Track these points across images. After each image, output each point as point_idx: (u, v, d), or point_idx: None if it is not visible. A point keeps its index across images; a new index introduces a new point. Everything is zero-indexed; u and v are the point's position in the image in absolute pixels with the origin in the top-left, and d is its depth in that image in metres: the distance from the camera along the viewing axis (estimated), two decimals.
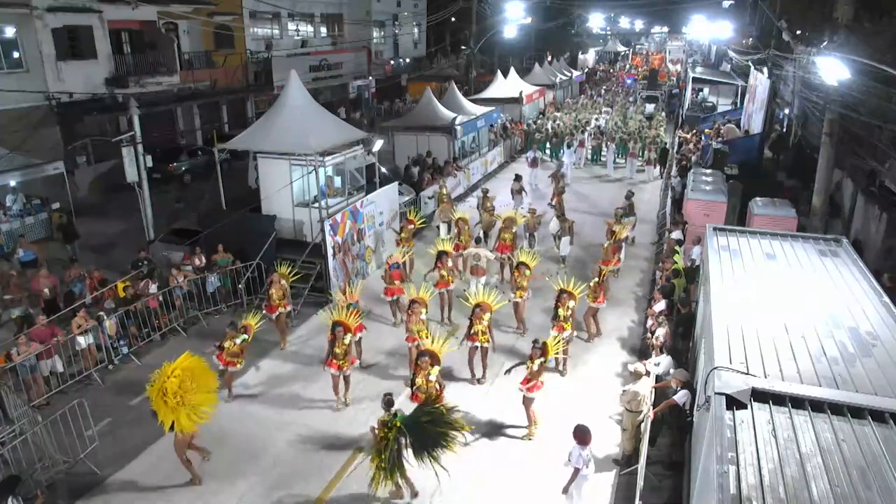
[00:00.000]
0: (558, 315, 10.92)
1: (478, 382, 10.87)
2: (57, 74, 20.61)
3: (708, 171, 18.62)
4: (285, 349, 12.14)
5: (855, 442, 5.17)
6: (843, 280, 8.53)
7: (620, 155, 25.98)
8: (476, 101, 26.86)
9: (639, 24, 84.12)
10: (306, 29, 37.09)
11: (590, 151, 27.53)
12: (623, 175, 25.26)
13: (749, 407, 5.59)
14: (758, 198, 15.13)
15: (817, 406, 5.60)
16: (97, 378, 11.08)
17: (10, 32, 19.81)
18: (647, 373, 9.12)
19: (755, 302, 7.75)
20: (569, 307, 10.85)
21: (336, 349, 9.87)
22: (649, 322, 11.38)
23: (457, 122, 22.04)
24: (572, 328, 11.16)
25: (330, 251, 13.69)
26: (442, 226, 17.35)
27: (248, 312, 11.13)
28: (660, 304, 11.23)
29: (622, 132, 27.48)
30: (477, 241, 14.40)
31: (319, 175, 14.09)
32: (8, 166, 16.69)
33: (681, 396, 8.36)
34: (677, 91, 44.89)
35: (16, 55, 19.99)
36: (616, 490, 8.52)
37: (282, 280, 12.08)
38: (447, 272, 12.80)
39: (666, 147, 27.23)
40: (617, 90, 48.69)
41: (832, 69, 11.89)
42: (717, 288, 8.18)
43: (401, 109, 36.27)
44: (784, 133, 25.30)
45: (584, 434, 7.56)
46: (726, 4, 49.87)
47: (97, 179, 21.99)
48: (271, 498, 8.37)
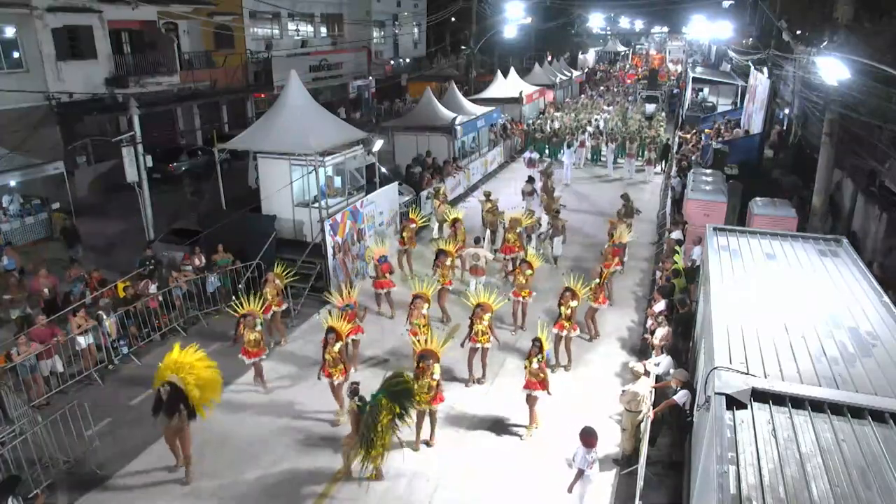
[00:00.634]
0: (560, 313, 10.96)
1: (477, 382, 10.86)
2: (57, 74, 20.61)
3: (708, 171, 18.61)
4: (284, 347, 12.13)
5: (855, 442, 5.17)
6: (843, 280, 8.54)
7: (621, 155, 25.99)
8: (476, 101, 26.84)
9: (639, 24, 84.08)
10: (306, 29, 37.10)
11: (590, 151, 27.55)
12: (623, 175, 25.27)
13: (749, 407, 5.59)
14: (758, 198, 15.13)
15: (817, 406, 5.60)
16: (97, 378, 11.08)
17: (10, 32, 19.81)
18: (647, 373, 9.13)
19: (755, 302, 7.75)
20: (570, 306, 10.87)
21: (326, 356, 9.61)
22: (649, 322, 11.38)
23: (457, 122, 22.03)
24: (574, 326, 11.14)
25: (330, 251, 13.71)
26: (435, 225, 17.34)
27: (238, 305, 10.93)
28: (660, 304, 11.22)
29: (622, 132, 27.48)
30: (476, 241, 14.39)
31: (319, 175, 14.09)
32: (8, 166, 16.70)
33: (681, 396, 8.37)
34: (677, 91, 44.87)
35: (16, 55, 19.99)
36: (616, 490, 8.52)
37: (276, 279, 12.07)
38: (444, 271, 12.88)
39: (668, 143, 27.21)
40: (617, 90, 48.69)
41: (832, 69, 11.89)
42: (717, 288, 8.18)
43: (401, 109, 36.26)
44: (783, 132, 25.30)
45: (591, 436, 7.60)
46: (726, 4, 49.85)
47: (97, 179, 22.01)
48: (272, 497, 8.37)
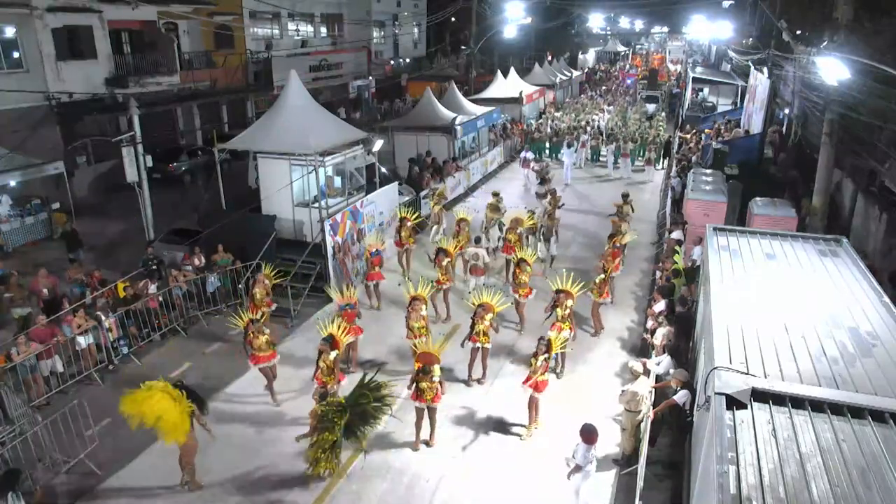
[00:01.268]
0: (556, 315, 10.91)
1: (477, 383, 10.86)
2: (57, 74, 20.58)
3: (708, 171, 18.60)
4: (282, 348, 12.05)
5: (855, 442, 5.17)
6: (843, 280, 8.54)
7: (621, 155, 25.96)
8: (476, 101, 26.84)
9: (639, 24, 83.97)
10: (306, 29, 37.06)
11: (590, 151, 27.54)
12: (622, 175, 25.27)
13: (749, 407, 5.59)
14: (758, 198, 15.14)
15: (817, 406, 5.60)
16: (97, 378, 11.08)
17: (10, 32, 19.77)
18: (647, 372, 9.13)
19: (755, 302, 7.75)
20: (567, 307, 10.82)
21: (321, 363, 9.37)
22: (649, 322, 11.38)
23: (457, 122, 22.02)
24: (572, 328, 11.13)
25: (330, 251, 13.71)
26: (434, 228, 17.11)
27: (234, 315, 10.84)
28: (660, 304, 11.22)
29: (622, 133, 27.46)
30: (476, 241, 14.40)
31: (319, 175, 14.09)
32: (8, 166, 16.70)
33: (681, 396, 8.37)
34: (677, 91, 44.84)
35: (16, 55, 19.96)
36: (616, 490, 8.53)
37: (265, 280, 12.05)
38: (442, 270, 12.89)
39: (670, 139, 27.16)
40: (617, 90, 48.66)
41: (832, 69, 11.89)
42: (717, 288, 8.18)
43: (401, 109, 36.24)
44: (781, 132, 25.30)
45: (591, 433, 7.67)
46: (726, 4, 49.77)
47: (97, 179, 22.01)
48: (271, 497, 8.37)
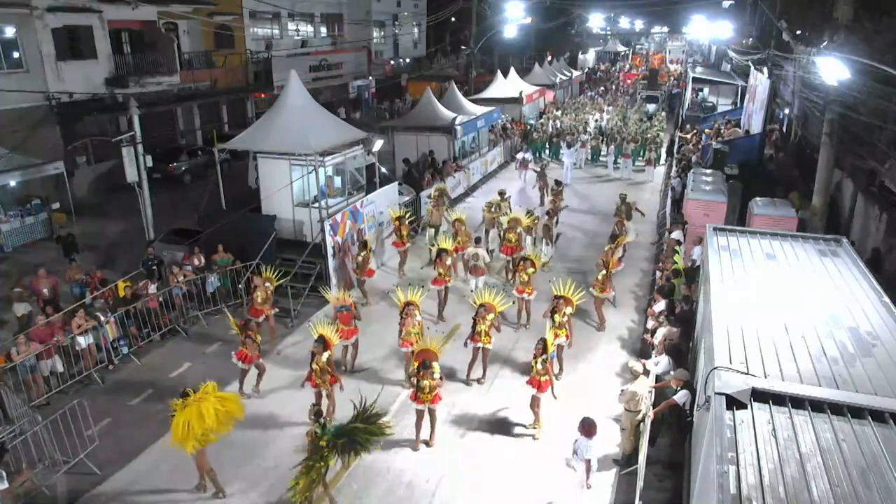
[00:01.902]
0: (554, 321, 10.61)
1: (477, 382, 10.85)
2: (57, 74, 20.57)
3: (708, 171, 18.61)
4: (282, 347, 12.14)
5: (855, 442, 5.17)
6: (843, 280, 8.53)
7: (620, 155, 25.96)
8: (476, 101, 26.82)
9: (639, 24, 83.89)
10: (306, 29, 37.07)
11: (590, 151, 27.54)
12: (623, 175, 25.27)
13: (749, 407, 5.58)
14: (758, 198, 15.13)
15: (817, 406, 5.60)
16: (97, 378, 11.08)
17: (10, 32, 19.76)
18: (646, 372, 9.13)
19: (755, 302, 7.75)
20: (565, 313, 10.60)
21: (313, 365, 9.34)
22: (649, 322, 11.37)
23: (457, 122, 22.02)
24: (568, 335, 10.83)
25: (330, 251, 13.71)
26: (429, 230, 16.77)
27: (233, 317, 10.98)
28: (660, 304, 11.22)
29: (622, 134, 27.45)
30: (476, 241, 14.39)
31: (319, 175, 14.09)
32: (8, 166, 16.70)
33: (681, 396, 8.37)
34: (677, 91, 44.84)
35: (16, 55, 19.96)
36: (616, 490, 8.52)
37: (266, 283, 11.98)
38: (444, 270, 12.89)
39: (672, 137, 27.14)
40: (617, 91, 48.64)
41: (832, 69, 11.87)
42: (717, 288, 8.18)
43: (401, 109, 36.25)
44: (780, 131, 25.30)
45: (592, 426, 7.86)
46: (726, 4, 49.77)
47: (97, 179, 22.00)
48: (271, 499, 8.36)
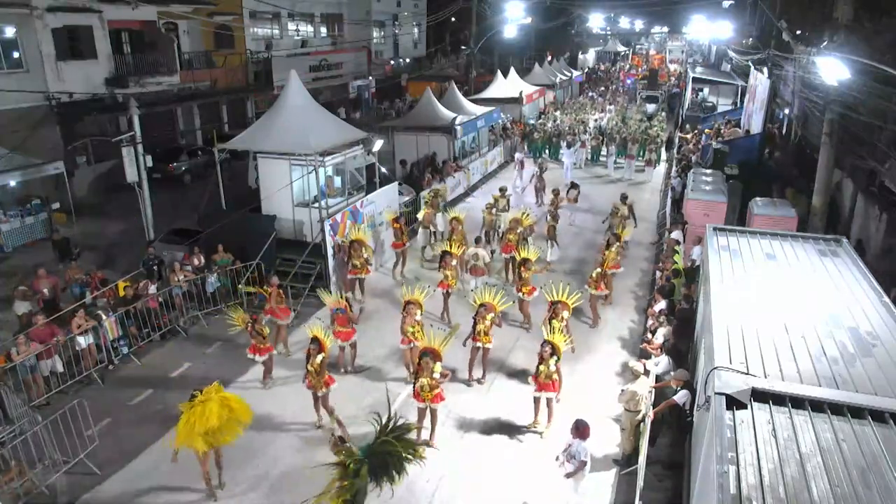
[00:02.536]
0: (553, 327, 10.38)
1: (477, 382, 10.85)
2: (57, 74, 20.57)
3: (708, 171, 18.61)
4: (279, 346, 12.12)
5: (855, 442, 5.17)
6: (843, 280, 8.53)
7: (620, 156, 25.98)
8: (476, 101, 26.82)
9: (639, 24, 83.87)
10: (306, 29, 37.07)
11: (590, 151, 27.54)
12: (623, 175, 25.26)
13: (749, 407, 5.58)
14: (758, 198, 15.14)
15: (817, 406, 5.60)
16: (97, 378, 11.08)
17: (10, 32, 19.75)
18: (646, 372, 9.13)
19: (755, 302, 7.74)
20: (563, 318, 10.55)
21: (308, 366, 9.25)
22: (649, 322, 11.37)
23: (457, 122, 22.02)
24: (571, 340, 10.66)
25: (330, 251, 13.71)
26: (422, 231, 16.66)
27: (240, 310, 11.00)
28: (660, 304, 11.22)
29: (622, 134, 27.45)
30: (477, 241, 14.39)
31: (319, 175, 14.09)
32: (8, 166, 16.70)
33: (681, 396, 8.37)
34: (677, 91, 44.83)
35: (16, 55, 19.95)
36: (616, 490, 8.53)
37: (276, 287, 11.87)
38: (451, 272, 12.75)
39: (670, 136, 27.12)
40: (617, 90, 48.65)
41: (832, 69, 11.88)
42: (717, 288, 8.18)
43: (401, 109, 36.26)
44: (778, 131, 25.29)
45: (585, 428, 7.74)
46: (726, 4, 49.75)
47: (97, 179, 22.00)
48: (271, 496, 8.38)
